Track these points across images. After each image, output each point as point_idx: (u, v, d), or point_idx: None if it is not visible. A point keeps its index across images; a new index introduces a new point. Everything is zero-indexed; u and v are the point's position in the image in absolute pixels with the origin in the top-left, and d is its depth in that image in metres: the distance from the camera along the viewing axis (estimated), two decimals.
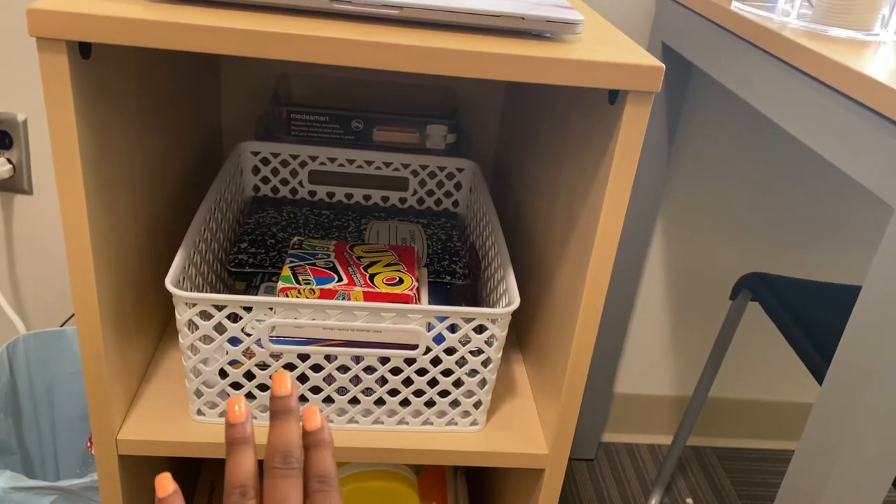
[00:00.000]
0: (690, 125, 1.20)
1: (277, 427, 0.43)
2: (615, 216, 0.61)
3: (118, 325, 0.67)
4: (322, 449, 0.44)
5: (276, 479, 0.42)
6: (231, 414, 0.43)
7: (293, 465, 0.42)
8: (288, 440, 0.43)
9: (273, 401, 0.44)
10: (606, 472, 1.43)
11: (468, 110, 1.07)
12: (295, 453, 0.42)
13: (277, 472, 0.42)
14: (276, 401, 0.44)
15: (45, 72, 0.52)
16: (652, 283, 1.34)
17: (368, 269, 0.73)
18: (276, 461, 0.42)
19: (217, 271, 0.80)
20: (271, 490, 0.41)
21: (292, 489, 0.41)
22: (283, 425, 0.43)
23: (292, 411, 0.44)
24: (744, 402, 1.49)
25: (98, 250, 0.60)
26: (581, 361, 0.67)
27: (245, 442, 0.43)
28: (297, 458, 0.42)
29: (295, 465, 0.42)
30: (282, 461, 0.42)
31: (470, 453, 0.72)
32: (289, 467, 0.42)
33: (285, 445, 0.42)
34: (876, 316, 0.58)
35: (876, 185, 0.60)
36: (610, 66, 0.54)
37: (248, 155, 0.93)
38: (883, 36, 0.79)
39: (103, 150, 0.60)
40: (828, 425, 0.63)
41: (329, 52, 0.52)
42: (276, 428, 0.43)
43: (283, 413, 0.44)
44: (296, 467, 0.42)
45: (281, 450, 0.42)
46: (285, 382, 0.44)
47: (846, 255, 1.34)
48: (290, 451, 0.42)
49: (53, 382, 1.09)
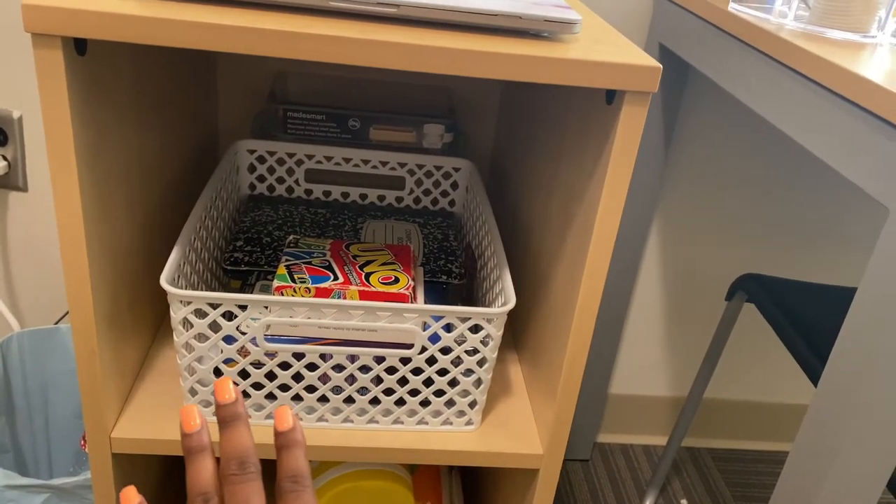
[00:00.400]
0: (687, 126, 1.20)
1: (228, 434, 0.43)
2: (612, 216, 0.61)
3: (113, 323, 0.66)
4: (294, 449, 0.44)
5: (235, 485, 0.41)
6: (185, 424, 0.43)
7: (250, 469, 0.42)
8: (241, 446, 0.43)
9: (218, 409, 0.44)
10: (601, 472, 1.43)
11: (465, 110, 1.07)
12: (250, 458, 0.42)
13: (235, 478, 0.42)
14: (221, 409, 0.44)
15: (40, 68, 0.52)
16: (648, 283, 1.34)
17: (364, 268, 0.73)
18: (231, 468, 0.42)
19: (212, 269, 0.80)
20: (231, 496, 0.41)
21: (252, 493, 0.41)
22: (234, 432, 0.43)
23: (240, 417, 0.44)
24: (739, 403, 1.49)
25: (93, 248, 0.60)
26: (577, 361, 0.67)
27: (202, 450, 0.43)
28: (254, 463, 0.42)
29: (251, 470, 0.42)
30: (238, 467, 0.42)
31: (465, 453, 0.72)
32: (245, 472, 0.42)
33: (239, 452, 0.42)
34: (871, 318, 0.58)
35: (872, 187, 0.60)
36: (607, 66, 0.54)
37: (245, 153, 0.93)
38: (879, 38, 0.79)
39: (98, 147, 0.60)
40: (823, 427, 0.63)
41: (326, 50, 0.52)
42: (227, 435, 0.43)
43: (232, 420, 0.44)
44: (252, 471, 0.42)
45: (235, 457, 0.42)
46: (228, 389, 0.44)
47: (842, 256, 1.34)
48: (245, 457, 0.42)
49: (47, 380, 1.09)
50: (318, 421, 0.71)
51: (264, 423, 0.71)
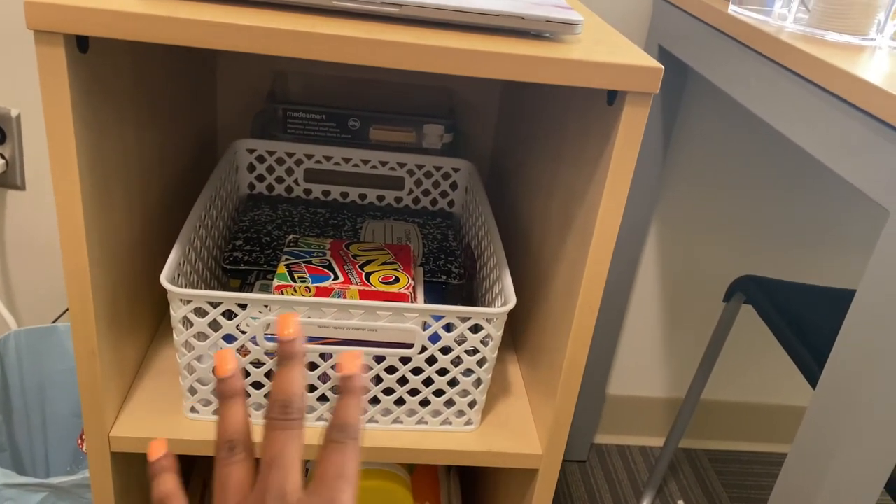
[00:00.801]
0: (686, 127, 1.20)
1: (279, 374, 0.40)
2: (613, 216, 0.61)
3: (112, 322, 0.66)
4: (348, 396, 0.40)
5: (274, 430, 0.39)
6: (219, 369, 0.41)
7: (292, 415, 0.39)
8: (288, 388, 0.39)
9: (278, 344, 0.41)
10: (598, 473, 1.43)
11: (465, 110, 1.07)
12: (295, 402, 0.39)
13: (275, 423, 0.39)
14: (281, 345, 0.41)
15: (42, 65, 0.52)
16: (646, 284, 1.34)
17: (364, 268, 0.73)
18: (274, 411, 0.39)
19: (212, 269, 0.80)
20: (268, 443, 0.39)
21: (290, 441, 0.38)
22: (285, 372, 0.40)
23: (296, 356, 0.41)
24: (736, 404, 1.50)
25: (93, 246, 0.60)
26: (576, 362, 0.67)
27: (234, 395, 0.41)
28: (298, 408, 0.39)
29: (294, 416, 0.39)
30: (280, 411, 0.39)
31: (464, 453, 0.72)
32: (287, 418, 0.39)
33: (285, 394, 0.39)
34: (870, 320, 0.59)
35: (871, 189, 0.60)
36: (609, 66, 0.54)
37: (244, 152, 0.93)
38: (878, 41, 0.79)
39: (99, 145, 0.60)
40: (821, 429, 0.63)
41: (327, 50, 0.52)
42: (278, 374, 0.40)
43: (286, 359, 0.41)
44: (295, 418, 0.39)
45: (280, 399, 0.39)
46: (290, 324, 0.41)
47: (841, 258, 1.34)
48: (290, 401, 0.39)
49: (45, 379, 1.08)
50: (318, 420, 0.71)
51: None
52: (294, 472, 0.38)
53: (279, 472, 0.38)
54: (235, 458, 0.39)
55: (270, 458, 0.38)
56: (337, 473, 0.38)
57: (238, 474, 0.39)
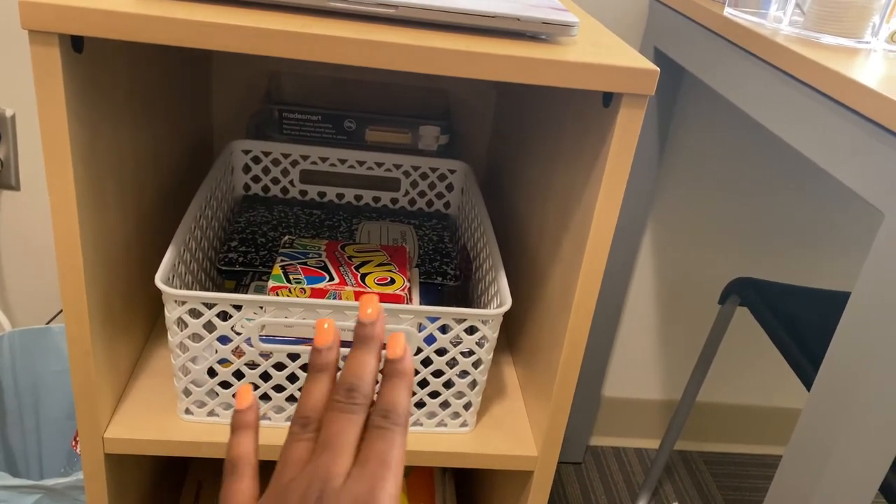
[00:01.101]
0: (682, 129, 1.20)
1: (351, 356, 0.40)
2: (608, 218, 0.61)
3: (106, 323, 0.66)
4: (396, 379, 0.39)
5: (334, 411, 0.38)
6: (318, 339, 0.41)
7: (356, 399, 0.39)
8: (358, 372, 0.39)
9: (357, 326, 0.41)
10: (594, 475, 1.43)
11: (461, 112, 1.07)
12: (362, 388, 0.39)
13: (338, 405, 0.39)
14: (359, 326, 0.40)
15: (36, 65, 0.51)
16: (641, 286, 1.34)
17: (360, 269, 0.72)
18: (340, 394, 0.39)
19: (207, 270, 0.79)
20: (327, 423, 0.38)
21: (348, 426, 0.38)
22: (358, 355, 0.40)
23: (375, 341, 0.40)
24: (732, 406, 1.50)
25: (87, 246, 0.60)
26: (572, 363, 0.67)
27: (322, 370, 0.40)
28: (364, 394, 0.39)
29: (359, 401, 0.39)
30: (345, 395, 0.39)
31: (459, 454, 0.72)
32: (351, 402, 0.38)
33: (353, 378, 0.39)
34: (865, 322, 0.59)
35: (866, 191, 0.60)
36: (605, 68, 0.54)
37: (239, 153, 0.93)
38: (873, 44, 0.79)
39: (94, 146, 0.60)
40: (816, 431, 0.64)
41: (323, 50, 0.51)
42: (350, 357, 0.40)
43: (362, 342, 0.40)
44: (359, 402, 0.39)
45: (348, 381, 0.39)
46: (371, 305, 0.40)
47: (836, 260, 1.35)
48: (357, 385, 0.39)
49: (38, 380, 1.08)
50: None
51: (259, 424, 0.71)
52: (345, 456, 0.38)
53: (330, 454, 0.37)
54: (305, 436, 0.39)
55: (325, 438, 0.38)
56: (380, 460, 0.37)
57: (300, 450, 0.39)
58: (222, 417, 0.70)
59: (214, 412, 0.70)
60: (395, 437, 0.38)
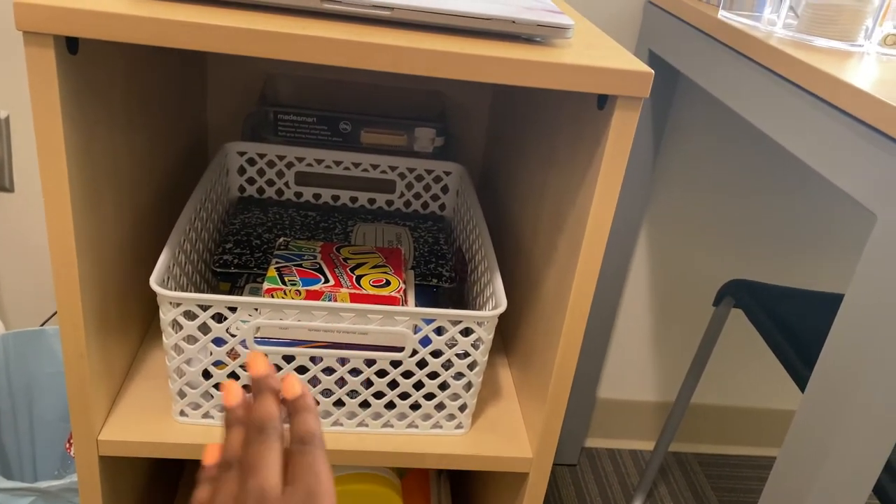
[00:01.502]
0: (676, 132, 1.20)
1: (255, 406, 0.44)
2: (603, 220, 0.61)
3: (101, 324, 0.66)
4: (302, 413, 0.44)
5: (251, 446, 0.42)
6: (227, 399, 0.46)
7: (268, 432, 0.42)
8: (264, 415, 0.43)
9: (254, 381, 0.45)
10: (589, 477, 1.43)
11: (456, 114, 1.07)
12: (272, 423, 0.43)
13: (253, 440, 0.42)
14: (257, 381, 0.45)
15: (31, 67, 0.51)
16: (636, 288, 1.35)
17: (355, 271, 0.72)
18: (252, 433, 0.43)
19: (202, 272, 0.79)
20: (247, 455, 0.42)
21: (268, 450, 0.42)
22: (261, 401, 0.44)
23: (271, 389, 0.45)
24: (726, 408, 1.50)
25: (82, 248, 0.60)
26: (567, 365, 0.67)
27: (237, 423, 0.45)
28: (274, 428, 0.43)
29: (271, 433, 0.42)
30: (257, 432, 0.42)
31: (454, 456, 0.72)
32: (264, 435, 0.42)
33: (261, 420, 0.43)
34: (859, 324, 0.59)
35: (859, 193, 0.61)
36: (600, 70, 0.54)
37: (235, 155, 0.93)
38: (866, 47, 0.80)
39: (88, 147, 0.60)
40: (810, 432, 0.64)
41: (318, 52, 0.52)
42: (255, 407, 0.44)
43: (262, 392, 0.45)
44: (272, 434, 0.42)
45: (257, 424, 0.43)
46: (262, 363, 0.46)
47: (830, 262, 1.35)
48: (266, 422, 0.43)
49: (32, 382, 1.08)
50: None
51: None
52: (273, 473, 0.41)
53: (257, 474, 0.40)
54: (229, 475, 0.42)
55: (249, 466, 0.41)
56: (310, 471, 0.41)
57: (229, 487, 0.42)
58: (217, 420, 0.70)
59: (209, 414, 0.70)
60: (317, 453, 0.42)
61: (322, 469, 0.42)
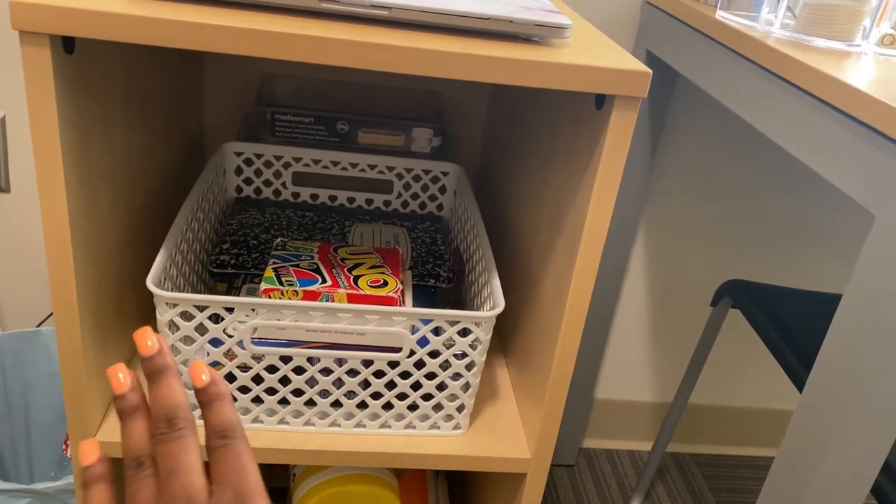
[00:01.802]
0: (674, 132, 1.20)
1: (154, 390, 0.39)
2: (601, 220, 0.61)
3: (97, 325, 0.66)
4: (217, 402, 0.40)
5: (164, 444, 0.38)
6: (115, 386, 0.40)
7: (179, 425, 0.38)
8: (168, 402, 0.39)
9: (143, 363, 0.40)
10: (587, 478, 1.43)
11: (454, 114, 1.07)
12: (180, 413, 0.39)
13: (163, 437, 0.38)
14: (145, 362, 0.40)
15: (27, 66, 0.51)
16: (634, 288, 1.35)
17: (353, 271, 0.72)
18: (160, 427, 0.38)
19: (198, 272, 0.79)
20: (163, 457, 0.38)
21: (185, 450, 0.38)
22: (161, 387, 0.39)
23: (168, 368, 0.40)
24: (724, 408, 1.50)
25: (78, 249, 0.59)
26: (565, 365, 0.67)
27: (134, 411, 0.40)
28: (184, 418, 0.39)
29: (182, 426, 0.38)
30: (166, 426, 0.38)
31: (452, 457, 0.72)
32: (174, 429, 0.38)
33: (166, 409, 0.39)
34: (856, 324, 0.59)
35: (857, 193, 0.61)
36: (598, 70, 0.54)
37: (232, 155, 0.93)
38: (864, 47, 0.80)
39: (85, 147, 0.59)
40: (808, 432, 0.64)
41: (315, 52, 0.51)
42: (154, 391, 0.39)
43: (157, 373, 0.40)
44: (182, 427, 0.38)
45: (163, 414, 0.39)
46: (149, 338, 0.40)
47: (828, 263, 1.35)
48: (174, 413, 0.38)
49: (29, 384, 1.07)
50: (305, 425, 0.71)
51: (251, 427, 0.70)
52: (196, 475, 0.37)
53: (180, 478, 0.37)
54: (143, 474, 0.38)
55: (168, 468, 0.38)
56: (236, 468, 0.38)
57: (146, 490, 0.38)
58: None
59: None
60: (240, 446, 0.39)
61: (248, 464, 0.38)
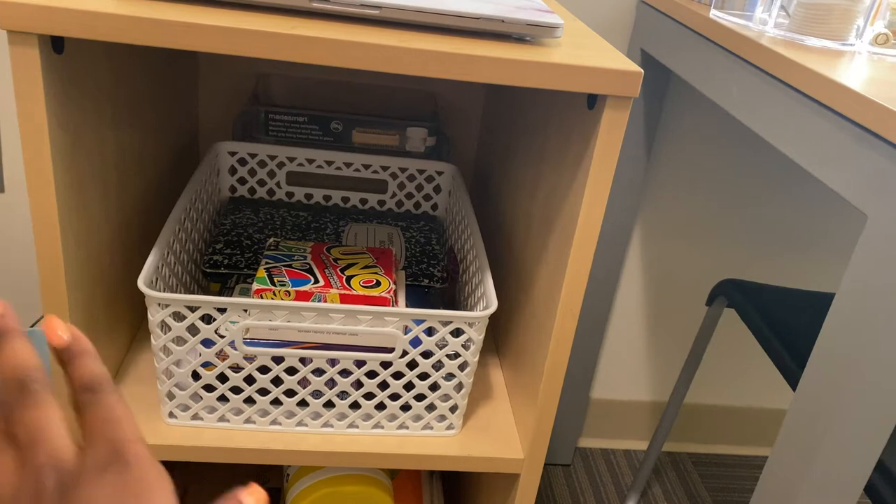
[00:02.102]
0: (668, 131, 1.20)
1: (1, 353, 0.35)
2: (593, 220, 0.61)
3: (89, 326, 0.66)
4: (80, 358, 0.36)
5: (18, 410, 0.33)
6: None
7: (32, 386, 0.34)
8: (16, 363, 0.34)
9: None
10: (583, 477, 1.43)
11: (448, 113, 1.06)
12: (32, 374, 0.34)
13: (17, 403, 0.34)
14: None
15: (16, 66, 0.51)
16: (629, 288, 1.35)
17: (345, 272, 0.72)
18: (11, 394, 0.34)
19: (191, 272, 0.79)
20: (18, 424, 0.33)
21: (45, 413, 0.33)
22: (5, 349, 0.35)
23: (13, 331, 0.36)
24: (719, 408, 1.50)
25: (69, 249, 0.59)
26: (558, 366, 0.67)
27: None
28: (38, 380, 0.34)
29: (37, 387, 0.34)
30: (19, 389, 0.34)
31: (445, 458, 0.72)
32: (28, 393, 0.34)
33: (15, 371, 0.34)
34: (850, 323, 0.59)
35: (850, 193, 0.61)
36: (589, 70, 0.54)
37: (225, 155, 0.93)
38: (857, 46, 0.80)
39: (75, 148, 0.59)
40: (802, 431, 0.64)
41: (307, 51, 0.51)
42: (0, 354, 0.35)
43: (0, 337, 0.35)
44: (38, 388, 0.34)
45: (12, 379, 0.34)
46: None
47: (821, 262, 1.35)
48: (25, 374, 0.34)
49: None
50: (298, 426, 0.71)
51: (243, 427, 0.70)
52: (61, 439, 0.33)
53: (45, 444, 0.33)
54: None
55: (29, 437, 0.33)
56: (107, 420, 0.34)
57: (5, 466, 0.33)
58: (206, 421, 0.70)
59: (199, 416, 0.70)
60: (111, 398, 0.35)
61: (122, 414, 0.34)
